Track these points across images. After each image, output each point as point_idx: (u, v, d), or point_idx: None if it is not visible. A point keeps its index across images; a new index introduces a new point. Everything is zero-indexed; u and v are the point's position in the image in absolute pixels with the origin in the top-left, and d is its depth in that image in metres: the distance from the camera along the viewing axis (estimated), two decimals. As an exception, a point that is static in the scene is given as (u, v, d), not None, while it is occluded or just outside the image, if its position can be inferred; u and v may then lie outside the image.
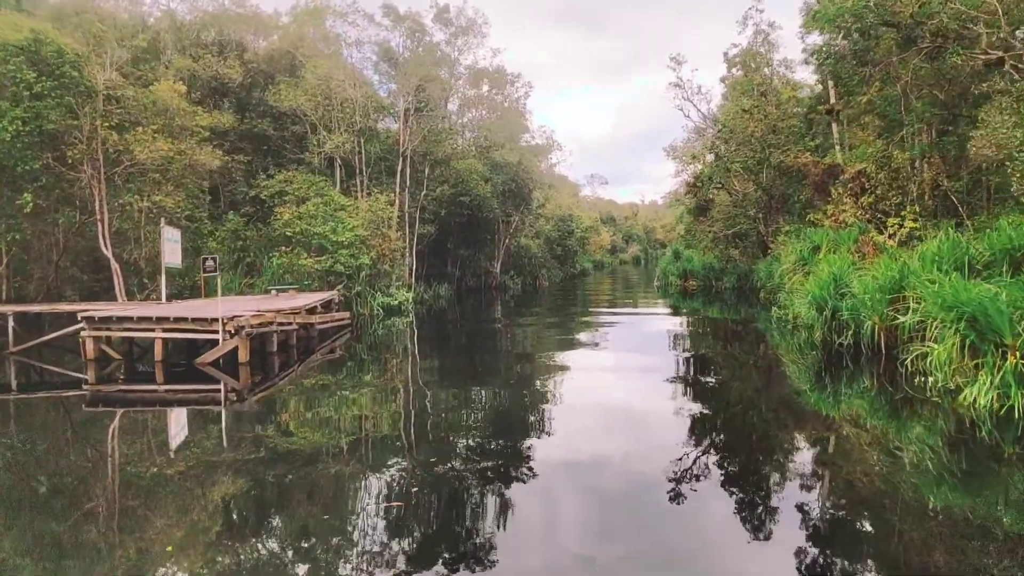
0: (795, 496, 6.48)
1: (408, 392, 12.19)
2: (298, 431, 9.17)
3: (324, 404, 10.84)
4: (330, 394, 11.61)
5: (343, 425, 9.58)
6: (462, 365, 15.40)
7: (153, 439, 9.17)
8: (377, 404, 11.07)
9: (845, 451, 8.39)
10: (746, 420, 10.33)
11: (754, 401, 11.64)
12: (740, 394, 12.15)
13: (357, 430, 9.31)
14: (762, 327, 21.35)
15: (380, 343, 18.30)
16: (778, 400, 11.75)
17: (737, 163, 30.97)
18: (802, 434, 9.41)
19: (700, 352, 17.04)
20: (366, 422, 9.76)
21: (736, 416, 10.45)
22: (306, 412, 10.29)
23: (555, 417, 10.03)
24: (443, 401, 11.37)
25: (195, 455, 8.01)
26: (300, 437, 8.83)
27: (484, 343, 19.29)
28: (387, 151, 28.83)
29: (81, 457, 8.34)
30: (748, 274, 34.92)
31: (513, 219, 37.03)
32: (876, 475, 7.21)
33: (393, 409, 10.75)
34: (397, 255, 25.10)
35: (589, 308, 30.37)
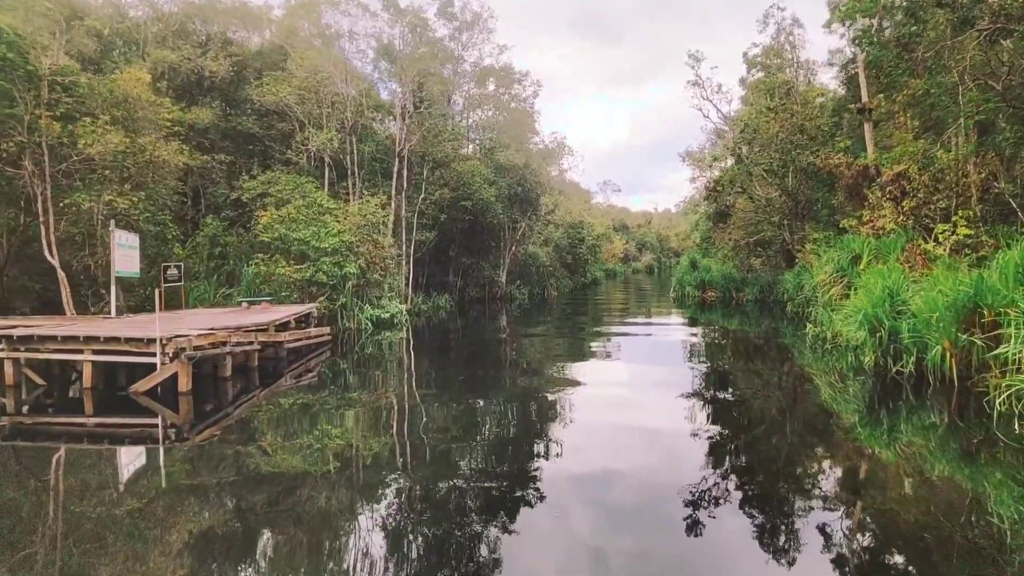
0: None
1: (388, 425, 10.02)
2: (237, 485, 7.01)
3: (277, 445, 8.67)
4: (287, 431, 9.46)
5: (299, 474, 7.40)
6: (457, 388, 13.20)
7: (56, 487, 7.09)
8: (346, 443, 8.89)
9: (911, 502, 6.28)
10: (785, 457, 8.24)
11: (794, 435, 9.44)
12: (775, 425, 9.97)
13: (319, 481, 7.14)
14: (788, 342, 19.06)
15: (365, 362, 16.14)
16: (821, 434, 9.60)
17: (761, 165, 28.64)
18: (857, 479, 7.37)
19: (724, 373, 14.73)
20: (331, 469, 7.58)
21: (774, 453, 8.41)
22: (251, 459, 8.12)
23: (567, 453, 8.18)
24: (431, 433, 9.22)
25: (95, 511, 5.92)
26: (238, 492, 6.69)
27: (485, 360, 17.12)
28: (383, 151, 26.81)
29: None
30: (771, 285, 32.51)
31: (520, 225, 34.87)
32: (953, 539, 5.01)
33: (366, 449, 8.55)
34: (391, 263, 22.98)
35: (601, 320, 28.11)
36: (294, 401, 11.51)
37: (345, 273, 19.58)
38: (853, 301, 13.58)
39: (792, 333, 21.39)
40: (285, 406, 11.08)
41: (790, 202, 30.54)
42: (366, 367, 15.50)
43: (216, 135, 24.43)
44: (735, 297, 34.58)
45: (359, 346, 18.49)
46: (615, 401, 11.74)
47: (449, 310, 29.55)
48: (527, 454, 8.51)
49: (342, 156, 24.89)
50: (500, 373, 15.32)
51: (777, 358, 16.76)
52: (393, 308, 22.24)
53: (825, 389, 12.38)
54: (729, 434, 9.49)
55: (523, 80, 34.12)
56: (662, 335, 22.34)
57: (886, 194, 22.94)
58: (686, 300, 36.93)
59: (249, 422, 9.95)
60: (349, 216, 21.28)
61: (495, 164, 31.65)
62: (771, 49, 34.93)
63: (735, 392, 12.76)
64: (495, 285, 34.60)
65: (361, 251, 20.77)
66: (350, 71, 24.08)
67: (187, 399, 10.94)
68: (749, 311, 30.14)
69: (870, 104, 28.35)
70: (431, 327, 24.40)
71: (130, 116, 16.70)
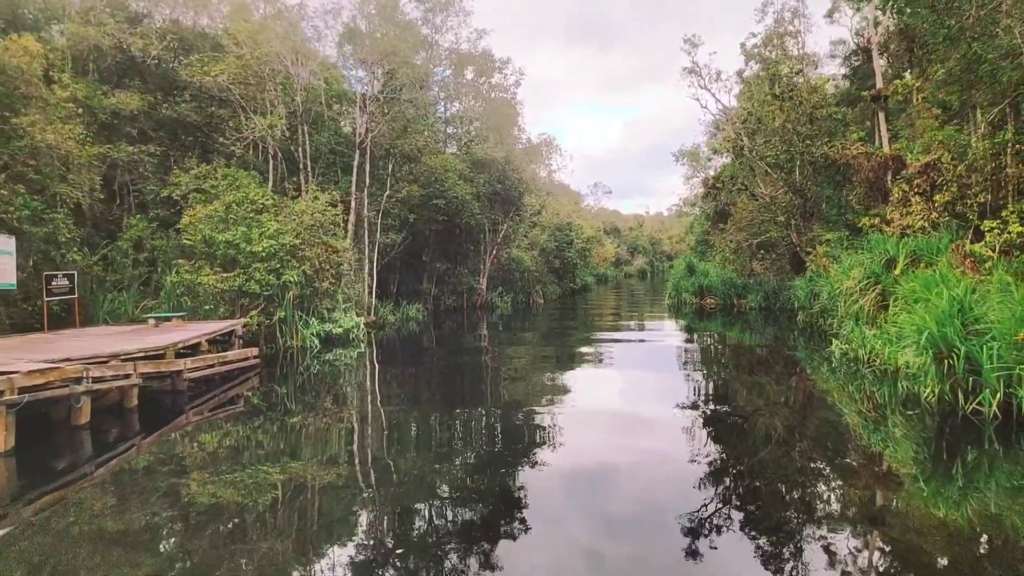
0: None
1: (309, 487, 6.99)
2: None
3: (144, 535, 5.58)
4: (160, 511, 6.35)
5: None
6: (414, 425, 10.18)
7: None
8: (243, 525, 5.83)
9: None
10: (826, 519, 5.48)
11: (833, 488, 6.81)
12: (808, 475, 7.28)
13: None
14: (803, 359, 16.23)
15: (301, 391, 13.04)
16: (869, 489, 6.95)
17: (768, 158, 25.75)
18: (931, 557, 4.80)
19: (733, 401, 11.75)
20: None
21: (811, 516, 6.01)
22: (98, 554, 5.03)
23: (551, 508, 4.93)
24: (374, 504, 6.25)
25: None
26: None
27: (454, 383, 14.10)
28: (343, 143, 23.73)
29: None
30: (777, 292, 29.63)
31: (502, 227, 31.85)
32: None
33: (273, 539, 5.45)
34: (346, 269, 19.91)
35: (591, 331, 25.14)
36: (183, 455, 8.40)
37: (284, 282, 16.47)
38: (909, 317, 10.59)
39: (806, 347, 18.53)
40: (163, 464, 7.96)
41: (797, 200, 27.68)
42: (301, 397, 12.39)
43: (149, 124, 21.29)
44: (736, 304, 31.68)
45: (304, 367, 15.42)
46: (606, 450, 8.71)
47: (421, 321, 26.47)
48: (504, 510, 5.52)
49: (293, 148, 21.82)
50: (472, 399, 12.29)
51: (794, 381, 13.79)
52: (348, 321, 19.15)
53: (864, 426, 9.44)
54: (750, 487, 6.63)
55: (504, 68, 31.21)
56: (658, 349, 19.38)
57: (914, 188, 20.11)
58: (683, 307, 34.01)
59: (84, 504, 6.78)
60: (294, 215, 18.19)
61: (473, 159, 28.64)
62: (774, 33, 32.14)
63: (748, 426, 9.78)
64: (474, 293, 31.55)
65: (307, 256, 17.68)
66: (300, 49, 20.98)
67: (8, 461, 7.85)
68: (753, 320, 27.24)
69: (886, 90, 25.61)
70: (398, 341, 21.35)
71: (8, 92, 13.57)
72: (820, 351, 17.00)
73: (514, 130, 32.10)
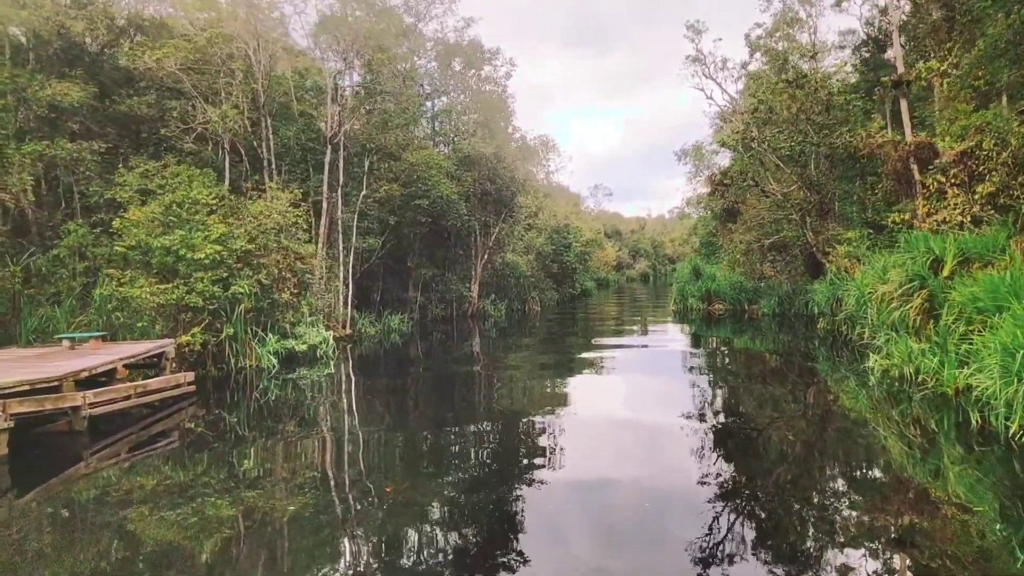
0: None
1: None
2: None
3: None
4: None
5: None
6: (384, 465, 8.03)
7: None
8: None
9: None
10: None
11: (899, 546, 4.52)
12: (861, 527, 4.98)
13: None
14: (828, 373, 14.09)
15: (247, 421, 10.84)
16: (947, 545, 4.74)
17: (782, 149, 23.53)
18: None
19: (759, 422, 9.57)
20: None
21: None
22: None
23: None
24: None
25: None
26: None
27: (437, 406, 12.01)
28: (315, 139, 21.58)
29: None
30: (791, 296, 27.40)
31: (493, 230, 29.67)
32: None
33: None
34: (311, 278, 17.76)
35: (591, 339, 22.98)
36: (51, 523, 6.21)
37: (233, 293, 14.29)
38: (997, 336, 8.33)
39: (829, 358, 16.39)
40: (17, 541, 5.77)
41: (813, 196, 25.47)
42: (245, 430, 10.21)
43: (96, 119, 19.21)
44: (747, 310, 29.44)
45: (257, 392, 13.24)
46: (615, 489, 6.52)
47: (405, 333, 24.27)
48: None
49: (257, 143, 19.69)
50: (456, 426, 10.14)
51: (822, 401, 11.57)
52: (314, 336, 16.96)
53: (924, 463, 7.25)
54: (783, 541, 4.49)
55: (494, 59, 29.04)
56: (664, 360, 17.19)
57: (950, 179, 17.91)
58: (689, 314, 31.77)
59: None
60: (251, 217, 16.04)
61: (460, 156, 26.46)
62: (781, 20, 30.00)
63: (776, 455, 7.59)
64: (465, 301, 29.33)
65: (264, 263, 15.52)
66: (261, 33, 18.83)
67: None
68: (766, 328, 25.03)
69: (908, 75, 23.44)
70: (377, 356, 19.20)
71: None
72: (849, 364, 14.78)
73: (507, 127, 29.95)
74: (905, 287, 13.07)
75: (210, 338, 14.30)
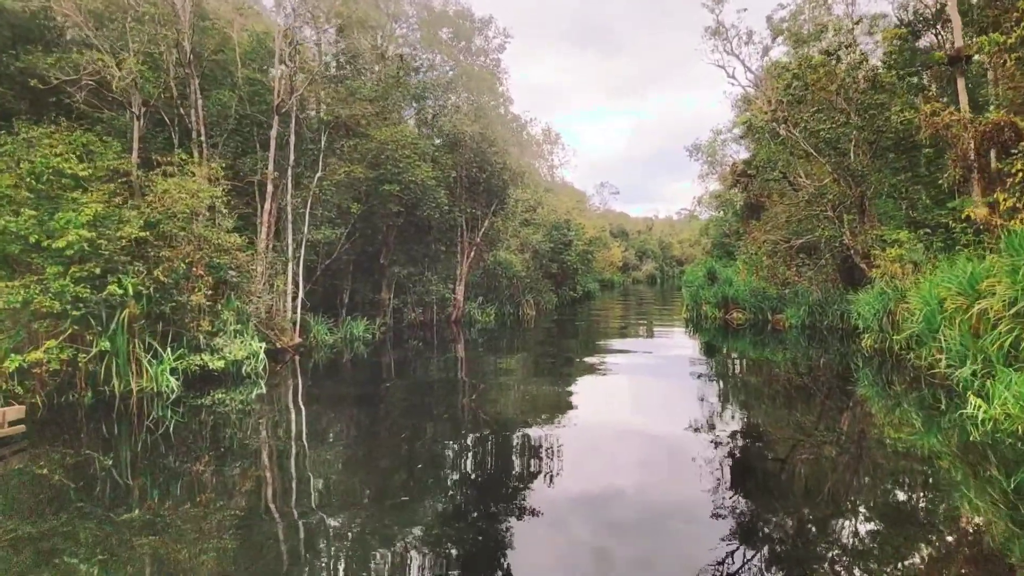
0: None
1: None
2: None
3: None
4: None
5: None
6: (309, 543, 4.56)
7: None
8: None
9: None
10: None
11: None
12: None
13: None
14: (867, 394, 10.91)
15: (99, 476, 7.35)
16: None
17: (821, 131, 19.83)
18: None
19: (802, 484, 6.04)
20: None
21: None
22: None
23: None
24: None
25: None
26: None
27: (398, 444, 8.50)
28: (265, 111, 18.00)
29: None
30: (823, 306, 23.72)
31: (481, 224, 26.08)
32: None
33: None
34: (244, 276, 14.24)
35: (591, 352, 19.49)
36: None
37: (109, 295, 10.75)
38: None
39: (882, 387, 12.90)
40: None
41: (852, 189, 21.79)
42: (96, 488, 6.72)
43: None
44: (770, 320, 25.76)
45: (148, 424, 9.81)
46: None
47: (373, 341, 20.71)
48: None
49: (185, 110, 16.17)
50: (418, 485, 6.60)
51: (900, 463, 7.94)
52: (239, 350, 13.42)
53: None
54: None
55: (486, 28, 25.44)
56: (676, 380, 13.63)
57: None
58: (703, 322, 28.13)
59: None
60: (154, 198, 12.52)
61: (440, 135, 22.84)
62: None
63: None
64: (448, 304, 25.74)
65: (164, 255, 11.99)
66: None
67: None
68: (793, 342, 21.43)
69: (968, 49, 19.87)
70: (332, 371, 15.73)
71: None
72: (909, 395, 11.23)
73: (499, 107, 26.32)
74: (1018, 304, 9.44)
75: (81, 354, 10.76)
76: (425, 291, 24.08)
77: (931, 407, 10.61)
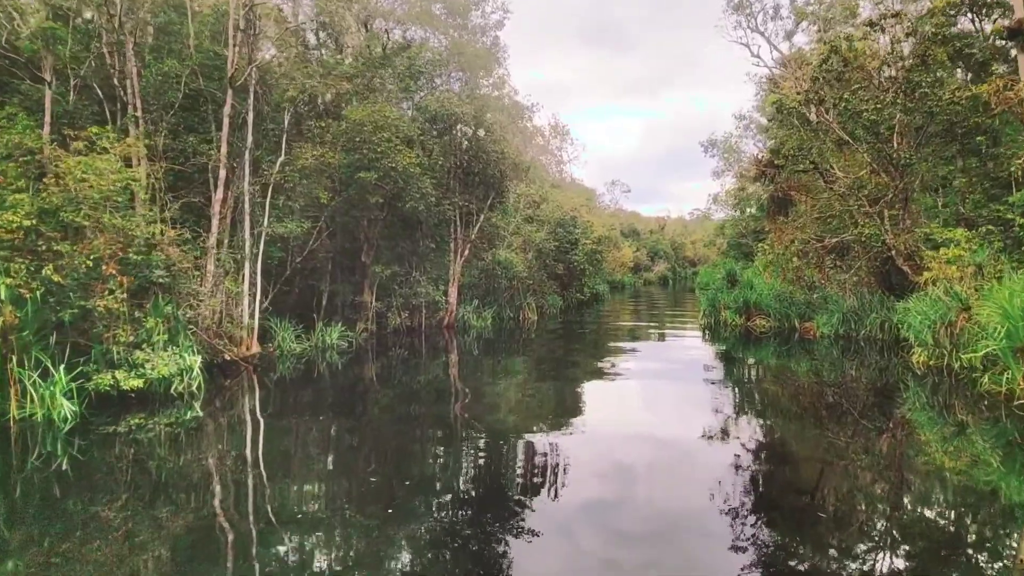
0: None
1: None
2: None
3: None
4: None
5: None
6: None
7: None
8: None
9: None
10: None
11: None
12: None
13: None
14: (918, 419, 8.92)
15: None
16: None
17: (865, 111, 17.19)
18: None
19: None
20: None
21: None
22: None
23: None
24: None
25: None
26: None
27: (364, 492, 6.15)
28: (216, 84, 15.60)
29: None
30: (859, 313, 21.05)
31: (476, 219, 23.61)
32: None
33: None
34: (162, 275, 11.88)
35: (597, 364, 17.10)
36: None
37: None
38: None
39: (927, 405, 10.72)
40: None
41: (896, 181, 19.16)
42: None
43: None
44: (798, 328, 23.09)
45: (34, 462, 7.59)
46: None
47: (352, 349, 18.32)
48: None
49: (119, 81, 13.82)
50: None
51: (966, 500, 5.49)
52: (164, 365, 11.05)
53: None
54: None
55: (482, 2, 22.92)
56: (696, 395, 11.16)
57: None
58: (721, 329, 25.50)
59: None
60: (52, 177, 10.18)
61: (427, 116, 20.29)
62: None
63: None
64: (438, 308, 23.28)
65: (67, 251, 9.64)
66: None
67: None
68: (825, 353, 18.94)
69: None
70: (294, 387, 13.42)
71: None
72: (1004, 437, 8.73)
73: (495, 90, 23.83)
74: None
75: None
76: (412, 293, 21.64)
77: (1015, 443, 8.25)
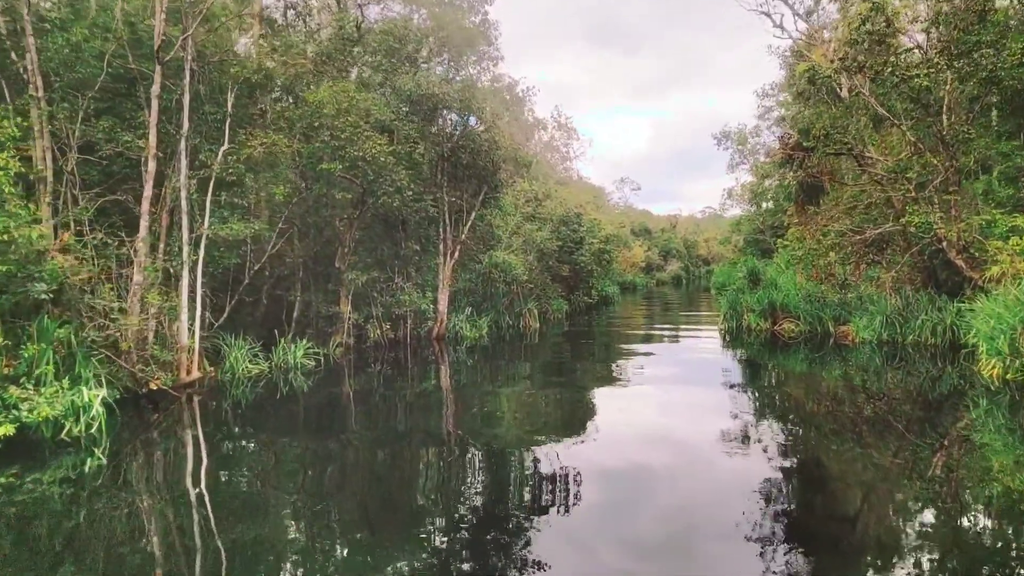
0: None
1: None
2: None
3: None
4: None
5: None
6: None
7: None
8: None
9: None
10: None
11: None
12: None
13: None
14: (992, 443, 6.13)
15: None
16: None
17: (916, 77, 14.58)
18: None
19: None
20: None
21: None
22: None
23: None
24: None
25: None
26: None
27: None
28: (143, 61, 13.22)
29: None
30: (905, 317, 18.38)
31: (467, 217, 21.14)
32: None
33: None
34: (43, 292, 9.53)
35: (607, 382, 14.59)
36: None
37: None
38: None
39: (1005, 427, 8.13)
40: None
41: (947, 162, 16.51)
42: None
43: None
44: (833, 333, 20.41)
45: None
46: None
47: (322, 368, 15.91)
48: None
49: (19, 56, 11.51)
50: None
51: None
52: (45, 406, 8.65)
53: None
54: None
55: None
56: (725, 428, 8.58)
57: None
58: (744, 335, 22.84)
59: None
60: None
61: (402, 97, 17.76)
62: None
63: None
64: (426, 317, 20.81)
65: None
66: None
67: None
68: (868, 362, 16.34)
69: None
70: (243, 419, 11.08)
71: None
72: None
73: (484, 73, 21.37)
74: None
75: None
76: (395, 301, 19.18)
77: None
